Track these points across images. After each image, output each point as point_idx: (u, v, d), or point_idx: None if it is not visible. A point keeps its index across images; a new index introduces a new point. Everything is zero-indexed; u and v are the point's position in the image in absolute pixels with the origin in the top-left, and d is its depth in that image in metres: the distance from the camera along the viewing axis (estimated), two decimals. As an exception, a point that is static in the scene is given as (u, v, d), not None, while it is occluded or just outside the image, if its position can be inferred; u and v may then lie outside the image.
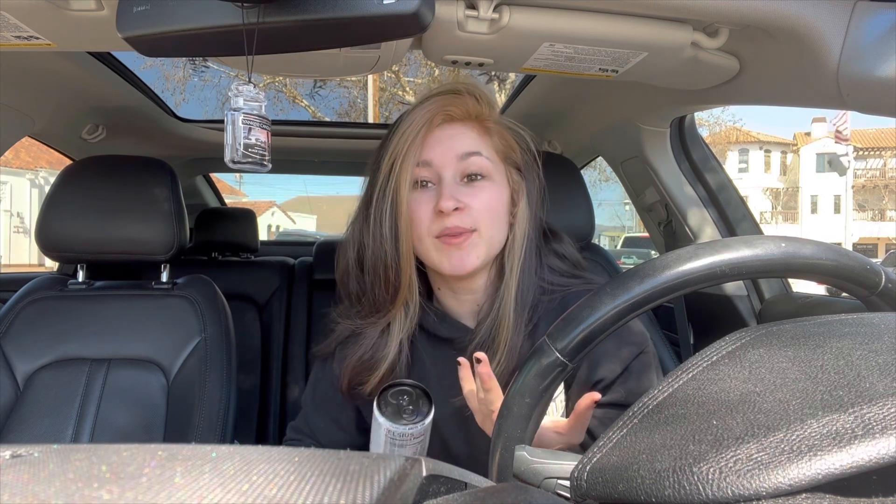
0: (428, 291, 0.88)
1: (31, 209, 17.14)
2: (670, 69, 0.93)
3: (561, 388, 0.78)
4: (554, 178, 0.90)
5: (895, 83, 0.74)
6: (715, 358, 0.37)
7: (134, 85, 1.48)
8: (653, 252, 3.96)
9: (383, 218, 0.78)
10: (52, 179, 1.27)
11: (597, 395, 0.62)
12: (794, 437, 0.27)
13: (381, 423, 0.71)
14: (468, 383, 0.70)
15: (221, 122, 0.70)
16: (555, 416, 0.78)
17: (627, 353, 0.78)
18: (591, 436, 0.72)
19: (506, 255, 0.82)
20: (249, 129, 0.66)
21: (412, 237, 0.79)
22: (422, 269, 0.86)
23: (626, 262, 8.68)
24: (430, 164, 0.78)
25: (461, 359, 0.70)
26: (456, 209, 0.76)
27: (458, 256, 0.77)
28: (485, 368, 0.66)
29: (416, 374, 0.84)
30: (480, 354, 0.68)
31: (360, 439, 0.91)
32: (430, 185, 0.79)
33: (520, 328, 0.79)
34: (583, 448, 0.76)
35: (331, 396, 0.90)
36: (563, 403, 0.80)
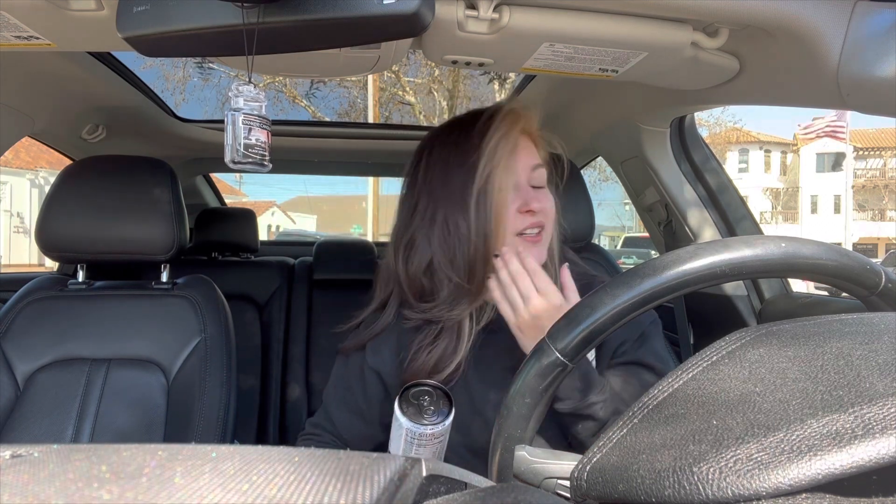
0: None
1: (31, 209, 17.13)
2: (670, 69, 0.93)
3: (592, 352, 0.81)
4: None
5: (895, 83, 0.74)
6: (715, 358, 0.37)
7: (134, 85, 1.48)
8: (653, 252, 3.96)
9: (488, 216, 0.84)
10: (52, 179, 1.27)
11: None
12: (794, 437, 0.27)
13: (401, 423, 0.71)
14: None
15: (221, 122, 0.70)
16: None
17: (643, 318, 0.88)
18: (616, 394, 0.80)
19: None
20: (249, 130, 0.66)
21: (495, 234, 0.86)
22: None
23: (626, 262, 8.68)
24: (515, 171, 0.87)
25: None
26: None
27: (535, 251, 0.87)
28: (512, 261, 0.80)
29: (478, 365, 0.87)
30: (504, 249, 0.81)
31: (383, 434, 0.92)
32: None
33: None
34: (584, 447, 0.77)
35: (356, 390, 0.91)
36: (594, 365, 0.86)
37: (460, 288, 0.86)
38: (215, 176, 2.87)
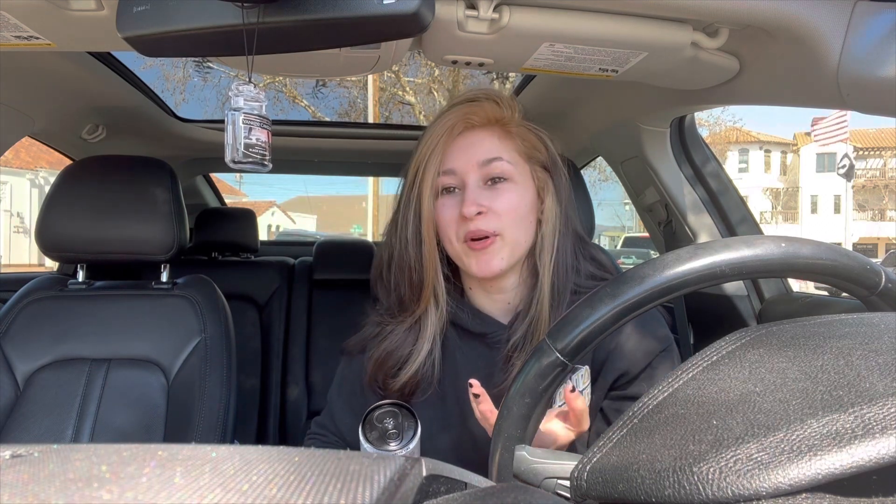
0: (462, 289, 0.90)
1: (31, 209, 17.14)
2: (670, 69, 0.93)
3: (588, 381, 0.79)
4: None
5: (895, 83, 0.74)
6: (715, 358, 0.37)
7: (134, 85, 1.48)
8: (653, 252, 3.96)
9: (407, 223, 0.84)
10: (52, 179, 1.27)
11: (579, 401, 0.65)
12: (794, 437, 0.27)
13: (366, 450, 0.69)
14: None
15: (221, 122, 0.70)
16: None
17: (652, 349, 0.80)
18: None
19: (537, 252, 0.84)
20: (250, 129, 0.66)
21: (443, 240, 0.83)
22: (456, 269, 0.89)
23: (626, 262, 8.67)
24: (454, 171, 0.82)
25: (472, 380, 0.71)
26: (479, 213, 0.79)
27: (484, 260, 0.80)
28: (484, 405, 0.68)
29: (448, 369, 0.85)
30: (474, 382, 0.69)
31: None
32: (455, 190, 0.83)
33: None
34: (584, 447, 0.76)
35: (358, 393, 0.91)
36: (590, 396, 0.81)
37: (397, 295, 0.85)
38: (215, 176, 2.87)
